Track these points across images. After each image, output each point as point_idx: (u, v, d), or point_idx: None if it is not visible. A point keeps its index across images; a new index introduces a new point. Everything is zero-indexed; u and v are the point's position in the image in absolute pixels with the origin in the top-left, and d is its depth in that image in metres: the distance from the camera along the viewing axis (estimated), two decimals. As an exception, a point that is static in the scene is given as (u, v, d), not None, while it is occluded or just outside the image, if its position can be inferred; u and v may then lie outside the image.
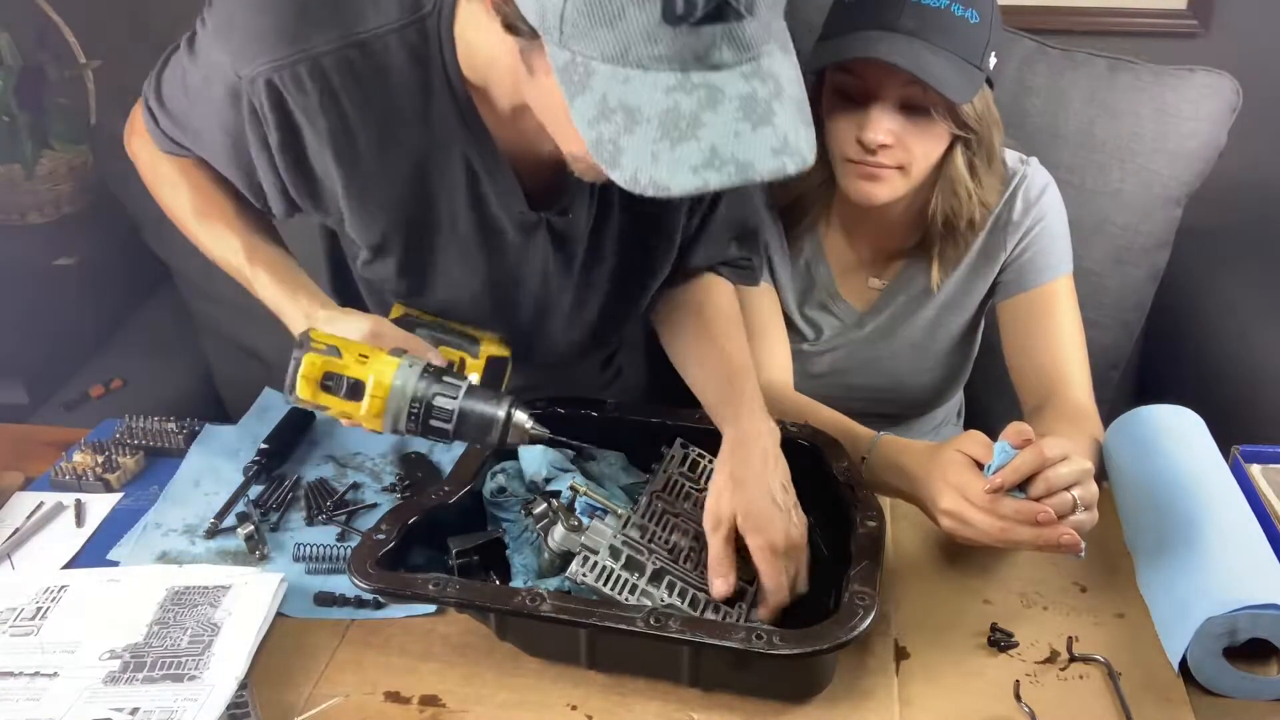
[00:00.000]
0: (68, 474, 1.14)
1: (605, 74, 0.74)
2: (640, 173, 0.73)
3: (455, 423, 0.89)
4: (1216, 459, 1.04)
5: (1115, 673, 0.89)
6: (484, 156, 0.98)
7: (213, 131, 1.00)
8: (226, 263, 1.07)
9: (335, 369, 0.89)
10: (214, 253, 1.08)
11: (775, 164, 0.74)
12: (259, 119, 0.94)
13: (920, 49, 1.11)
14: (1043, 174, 1.30)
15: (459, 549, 0.95)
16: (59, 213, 1.99)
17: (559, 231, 1.05)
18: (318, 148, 0.95)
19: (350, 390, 0.88)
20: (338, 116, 0.93)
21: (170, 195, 1.10)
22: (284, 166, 0.97)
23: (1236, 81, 1.53)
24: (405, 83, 0.93)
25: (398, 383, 0.89)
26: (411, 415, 0.89)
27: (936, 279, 1.31)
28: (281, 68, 0.90)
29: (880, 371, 1.38)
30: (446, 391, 0.90)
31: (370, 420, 0.89)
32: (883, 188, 1.20)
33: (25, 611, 0.96)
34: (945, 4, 1.11)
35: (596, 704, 0.88)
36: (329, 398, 0.89)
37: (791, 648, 0.80)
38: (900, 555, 1.04)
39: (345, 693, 0.89)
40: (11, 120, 1.87)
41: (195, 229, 1.09)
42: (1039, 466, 0.91)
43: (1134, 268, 1.58)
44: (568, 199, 1.03)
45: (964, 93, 1.13)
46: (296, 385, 0.88)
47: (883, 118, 1.15)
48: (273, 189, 1.00)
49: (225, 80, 0.94)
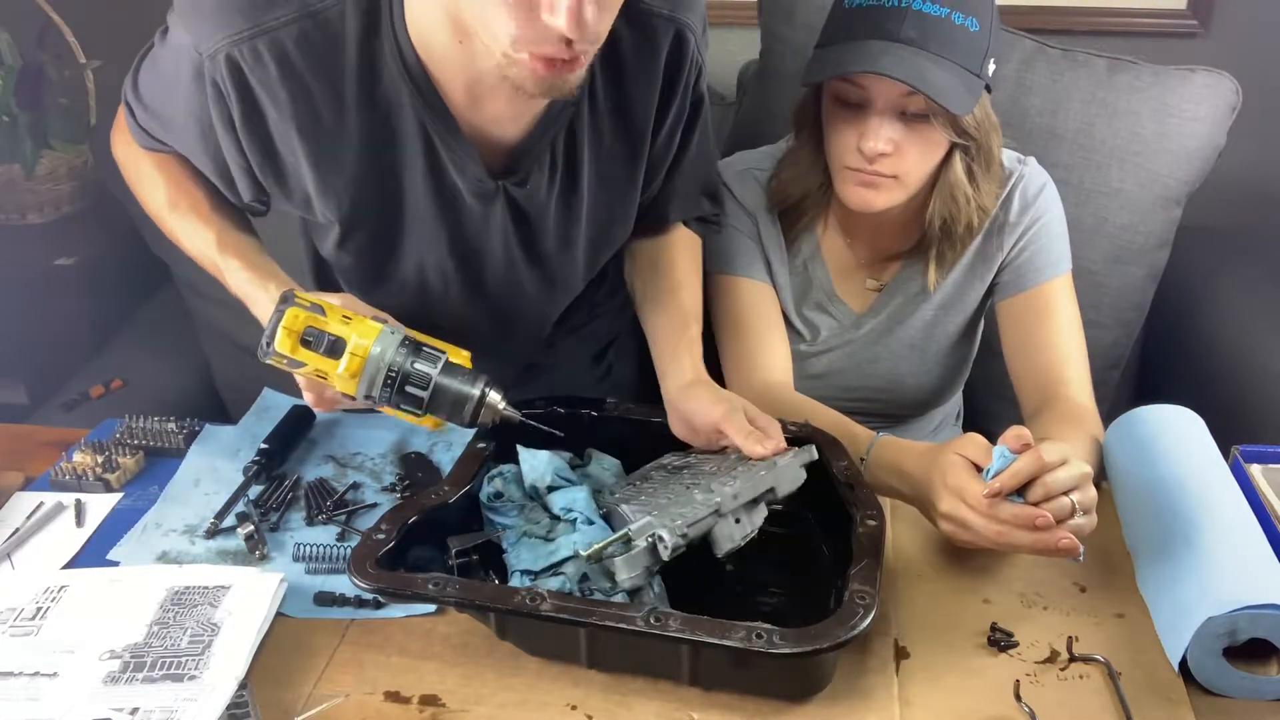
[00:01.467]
0: (68, 474, 1.14)
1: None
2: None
3: (430, 393, 0.90)
4: (1216, 459, 1.04)
5: (1115, 673, 0.89)
6: (439, 124, 1.00)
7: (183, 118, 1.02)
8: (200, 254, 1.09)
9: (317, 325, 0.89)
10: (187, 245, 1.10)
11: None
12: (222, 96, 0.96)
13: (922, 60, 1.11)
14: (1040, 174, 1.30)
15: (458, 548, 0.95)
16: (59, 213, 2.00)
17: (517, 202, 1.07)
18: (279, 122, 0.97)
19: (330, 348, 0.89)
20: (298, 89, 0.95)
21: (148, 191, 1.12)
22: (248, 145, 0.99)
23: (1236, 81, 1.53)
24: (360, 53, 0.96)
25: (377, 348, 0.89)
26: (388, 381, 0.89)
27: (933, 280, 1.31)
28: (240, 42, 0.93)
29: (878, 372, 1.38)
30: (425, 363, 0.90)
31: (345, 381, 0.89)
32: (881, 195, 1.20)
33: (25, 611, 0.96)
34: (946, 13, 1.11)
35: (596, 704, 0.88)
36: (308, 353, 0.89)
37: (791, 647, 0.80)
38: (900, 555, 1.04)
39: (345, 693, 0.89)
40: (11, 120, 1.88)
41: (170, 222, 1.11)
42: (1038, 471, 0.91)
43: (1133, 267, 1.58)
44: (525, 170, 1.05)
45: (965, 104, 1.13)
46: (277, 336, 0.88)
47: (883, 126, 1.15)
48: (239, 171, 1.02)
49: (190, 61, 0.96)
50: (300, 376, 0.94)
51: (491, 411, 0.93)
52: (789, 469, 0.96)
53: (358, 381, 0.89)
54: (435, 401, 0.91)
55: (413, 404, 0.91)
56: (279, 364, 0.91)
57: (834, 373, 1.38)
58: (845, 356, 1.37)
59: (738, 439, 0.98)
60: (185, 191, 1.10)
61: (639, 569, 0.91)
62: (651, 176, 1.16)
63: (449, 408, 0.92)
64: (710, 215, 1.28)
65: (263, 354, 0.91)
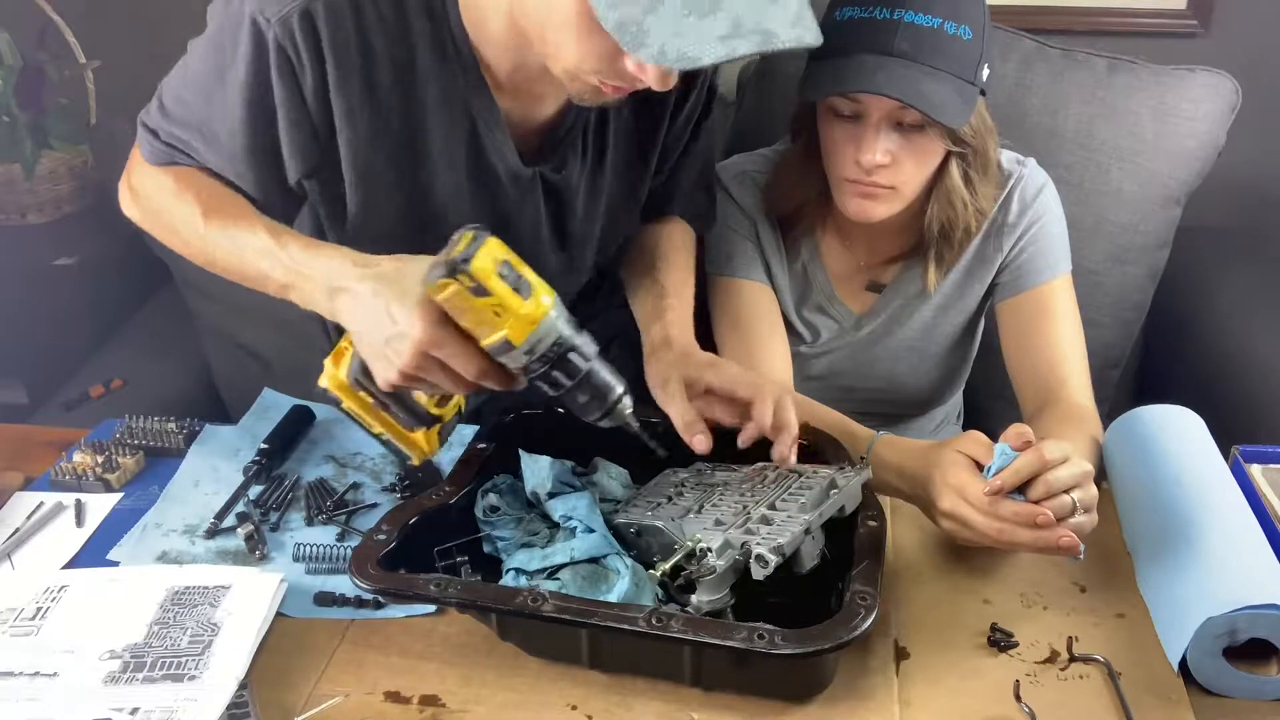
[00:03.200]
0: (68, 474, 1.14)
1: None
2: (668, 47, 0.78)
3: (580, 378, 0.86)
4: (1216, 459, 1.04)
5: (1115, 673, 0.89)
6: (482, 105, 1.01)
7: (228, 109, 0.99)
8: (248, 251, 0.99)
9: (514, 264, 0.83)
10: (231, 248, 1.00)
11: (794, 33, 0.80)
12: (289, 62, 0.95)
13: (916, 74, 1.11)
14: (1039, 174, 1.30)
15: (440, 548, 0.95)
16: (59, 213, 2.00)
17: (553, 185, 1.08)
18: (342, 81, 0.97)
19: (516, 286, 0.82)
20: (366, 48, 0.96)
21: (176, 207, 1.04)
22: (315, 109, 0.98)
23: (1236, 81, 1.53)
24: (421, 23, 0.97)
25: (555, 312, 0.84)
26: (553, 348, 0.84)
27: (933, 282, 1.32)
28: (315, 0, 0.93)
29: (878, 373, 1.38)
30: (585, 345, 0.86)
31: (521, 325, 0.82)
32: (879, 206, 1.20)
33: (25, 611, 0.96)
34: (938, 23, 1.11)
35: (597, 704, 0.88)
36: (500, 283, 0.81)
37: (793, 647, 0.80)
38: (900, 555, 1.04)
39: (345, 693, 0.89)
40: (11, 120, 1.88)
41: (208, 231, 1.02)
42: (1039, 469, 0.91)
43: (1133, 267, 1.58)
44: (561, 156, 1.07)
45: (961, 115, 1.13)
46: (477, 255, 0.81)
47: (879, 139, 1.15)
48: (293, 149, 1.01)
49: (250, 35, 0.95)
50: (439, 336, 0.84)
51: (621, 417, 0.89)
52: (851, 488, 0.96)
53: (530, 332, 0.83)
54: (577, 389, 0.87)
55: (552, 384, 0.86)
56: (463, 284, 0.81)
57: (834, 374, 1.38)
58: (845, 358, 1.37)
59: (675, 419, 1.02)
60: (218, 194, 1.04)
61: (724, 589, 0.90)
62: (661, 164, 1.18)
63: (588, 396, 0.87)
64: (704, 211, 1.30)
65: (448, 269, 0.81)
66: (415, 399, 0.95)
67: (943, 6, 1.12)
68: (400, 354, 0.85)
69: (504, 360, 0.84)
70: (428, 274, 0.82)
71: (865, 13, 1.13)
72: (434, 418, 0.96)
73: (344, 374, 0.94)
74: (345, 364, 0.94)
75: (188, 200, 1.03)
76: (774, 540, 0.88)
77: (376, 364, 0.88)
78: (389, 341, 0.85)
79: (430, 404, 0.95)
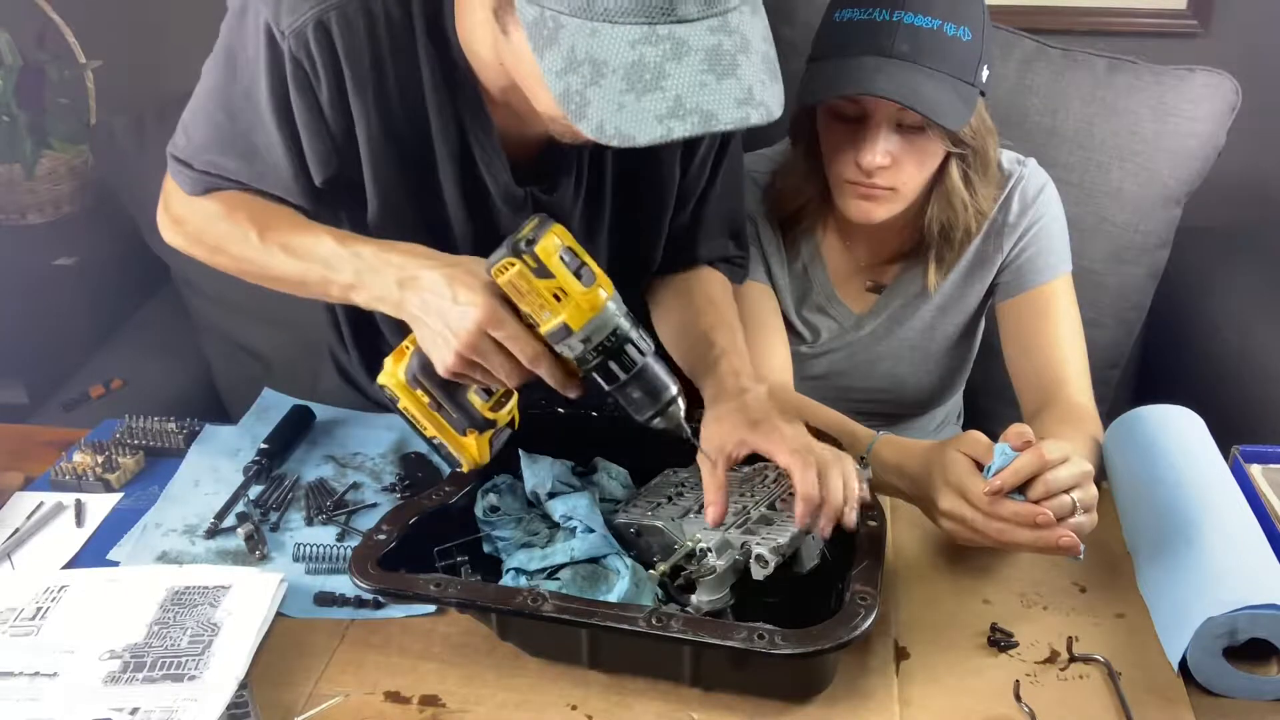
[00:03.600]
0: (68, 474, 1.14)
1: (573, 27, 0.76)
2: (606, 123, 0.76)
3: (635, 371, 0.85)
4: (1216, 459, 1.04)
5: (1115, 673, 0.89)
6: (476, 122, 1.00)
7: (261, 122, 1.00)
8: (312, 259, 0.99)
9: (577, 251, 0.84)
10: (291, 259, 1.01)
11: (739, 114, 0.76)
12: (306, 75, 0.96)
13: (916, 76, 1.11)
14: (1040, 175, 1.30)
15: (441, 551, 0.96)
16: (59, 213, 2.00)
17: (545, 208, 1.07)
18: (357, 88, 0.97)
19: (578, 273, 0.83)
20: (377, 59, 0.97)
21: (227, 230, 1.04)
22: (333, 119, 0.99)
23: (1236, 81, 1.53)
24: (423, 41, 0.97)
25: (613, 304, 0.84)
26: (608, 340, 0.84)
27: (933, 282, 1.31)
28: (329, 9, 0.93)
29: (878, 373, 1.38)
30: (641, 340, 0.86)
31: (580, 311, 0.83)
32: (880, 207, 1.21)
33: (25, 611, 0.96)
34: (938, 24, 1.11)
35: (597, 704, 0.88)
36: (562, 266, 0.82)
37: (793, 647, 0.80)
38: (900, 555, 1.04)
39: (345, 693, 0.89)
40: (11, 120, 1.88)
41: (266, 246, 1.01)
42: (1039, 469, 0.91)
43: (1133, 267, 1.58)
44: (554, 178, 1.05)
45: (961, 117, 1.13)
46: (543, 237, 0.82)
47: (880, 140, 1.15)
48: (317, 161, 1.01)
49: (267, 48, 0.95)
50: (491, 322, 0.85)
51: (673, 417, 0.88)
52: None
53: (588, 320, 0.83)
54: (630, 384, 0.86)
55: (606, 376, 0.85)
56: (526, 264, 0.82)
57: (834, 374, 1.38)
58: (845, 358, 1.37)
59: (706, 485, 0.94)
60: (270, 209, 1.03)
61: (724, 589, 0.90)
62: (681, 205, 1.15)
63: (641, 392, 0.86)
64: (735, 257, 1.25)
65: (512, 250, 0.82)
66: (470, 399, 0.95)
67: (942, 7, 1.12)
68: (460, 334, 0.86)
69: (561, 348, 0.85)
70: (491, 257, 0.84)
71: (865, 14, 1.13)
72: (488, 421, 0.96)
73: (403, 372, 0.94)
74: (405, 362, 0.95)
75: (239, 221, 1.03)
76: (774, 540, 0.88)
77: (436, 350, 0.89)
78: (450, 323, 0.87)
79: (484, 407, 0.95)
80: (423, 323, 0.90)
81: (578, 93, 0.77)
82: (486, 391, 0.95)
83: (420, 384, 0.94)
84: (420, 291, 0.90)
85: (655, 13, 0.75)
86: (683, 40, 0.76)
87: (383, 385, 0.96)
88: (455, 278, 0.88)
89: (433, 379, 0.93)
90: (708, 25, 0.76)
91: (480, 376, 0.90)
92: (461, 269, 0.89)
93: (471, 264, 0.89)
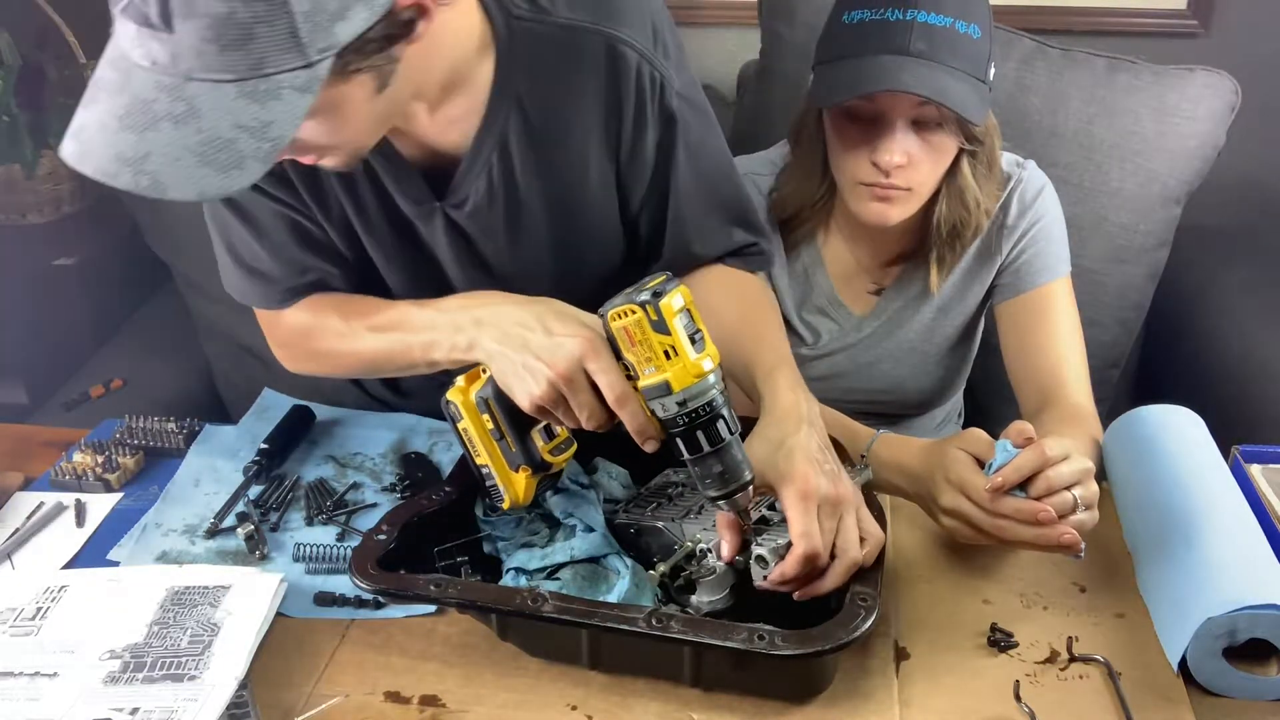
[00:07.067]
0: (68, 474, 1.14)
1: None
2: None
3: (719, 447, 0.85)
4: (1216, 459, 1.04)
5: (1115, 673, 0.89)
6: (376, 150, 0.98)
7: (269, 221, 1.07)
8: (395, 331, 1.03)
9: (695, 317, 0.84)
10: (378, 338, 1.05)
11: (72, 148, 0.78)
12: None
13: (936, 72, 1.11)
14: (1039, 176, 1.30)
15: (441, 551, 0.96)
16: (59, 213, 1.99)
17: (457, 223, 1.07)
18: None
19: (691, 339, 0.83)
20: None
21: (322, 332, 1.11)
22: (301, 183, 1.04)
23: (1236, 81, 1.53)
24: None
25: (713, 378, 0.84)
26: (701, 411, 0.84)
27: (935, 283, 1.31)
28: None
29: (878, 374, 1.38)
30: (731, 419, 0.85)
31: (685, 374, 0.83)
32: (895, 208, 1.20)
33: (25, 611, 0.96)
34: (950, 22, 1.11)
35: (597, 704, 0.88)
36: (678, 325, 0.83)
37: (793, 648, 0.80)
38: (900, 555, 1.04)
39: (345, 693, 0.89)
40: (11, 120, 1.87)
41: (355, 332, 1.07)
42: (1040, 466, 0.92)
43: (1133, 267, 1.58)
44: (464, 192, 1.05)
45: (980, 112, 1.14)
46: (670, 293, 0.82)
47: (898, 139, 1.15)
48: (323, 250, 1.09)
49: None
50: (596, 371, 0.86)
51: (737, 504, 0.88)
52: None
53: (689, 387, 0.83)
54: (715, 456, 0.85)
55: (689, 445, 0.85)
56: (646, 314, 0.82)
57: (835, 375, 1.38)
58: (846, 359, 1.37)
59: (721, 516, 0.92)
60: (347, 301, 1.10)
61: (724, 590, 0.90)
62: (630, 199, 1.12)
63: (721, 468, 0.86)
64: (746, 246, 1.18)
65: (634, 299, 0.83)
66: (533, 437, 0.95)
67: (953, 5, 1.12)
68: (555, 364, 0.86)
69: (654, 405, 0.85)
70: (610, 300, 0.85)
71: (877, 14, 1.13)
72: (544, 463, 0.95)
73: (474, 393, 0.94)
74: (480, 384, 0.94)
75: (328, 318, 1.10)
76: (774, 540, 0.88)
77: (521, 383, 0.89)
78: (540, 354, 0.87)
79: (545, 449, 0.95)
80: (504, 356, 0.90)
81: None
82: (548, 433, 0.95)
83: (489, 409, 0.93)
84: (502, 325, 0.91)
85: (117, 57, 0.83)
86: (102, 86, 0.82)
87: (449, 400, 0.95)
88: (544, 314, 0.90)
89: (504, 408, 0.93)
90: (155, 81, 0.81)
91: (561, 413, 0.89)
92: (546, 305, 0.91)
93: (555, 303, 0.92)
